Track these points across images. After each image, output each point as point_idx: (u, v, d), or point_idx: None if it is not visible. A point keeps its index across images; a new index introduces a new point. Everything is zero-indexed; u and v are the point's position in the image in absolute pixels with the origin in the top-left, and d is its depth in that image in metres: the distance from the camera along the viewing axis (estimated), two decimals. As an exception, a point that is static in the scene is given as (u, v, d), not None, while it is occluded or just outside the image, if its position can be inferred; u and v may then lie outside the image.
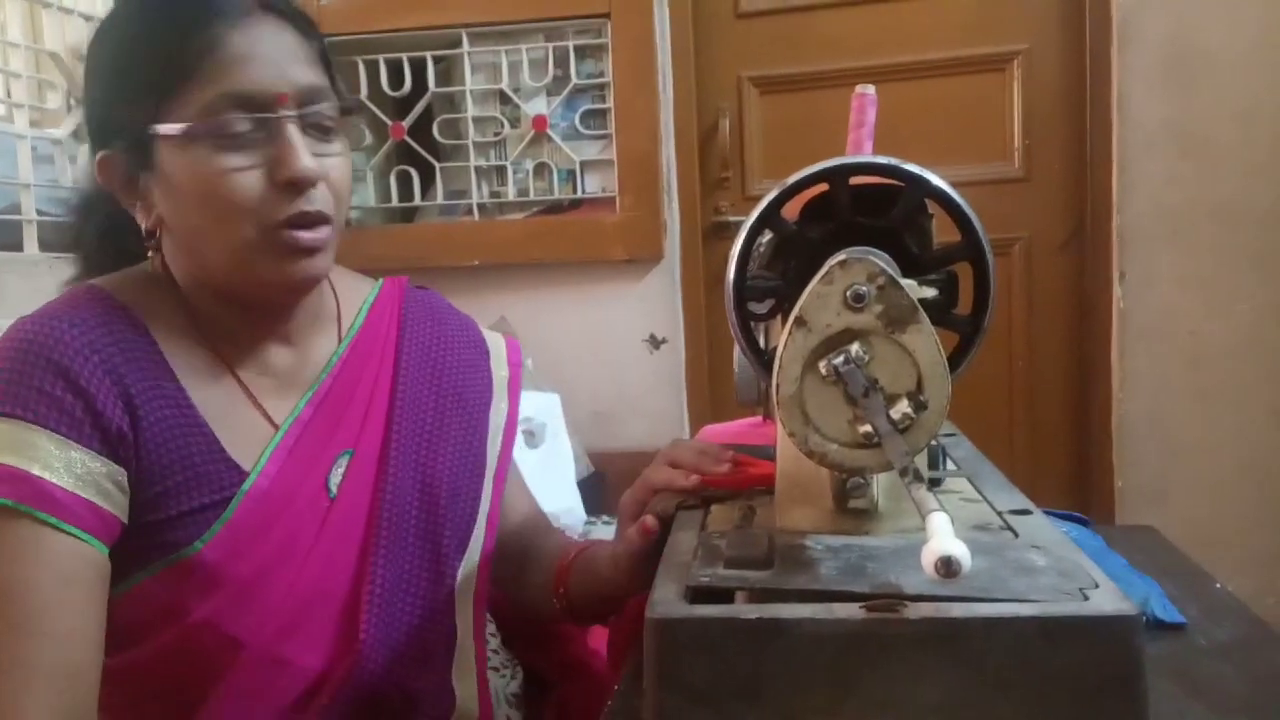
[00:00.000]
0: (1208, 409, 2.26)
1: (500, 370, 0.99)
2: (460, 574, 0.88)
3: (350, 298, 0.92)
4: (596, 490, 2.28)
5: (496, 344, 1.01)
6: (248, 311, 0.82)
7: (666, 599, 0.53)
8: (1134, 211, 2.25)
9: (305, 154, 0.75)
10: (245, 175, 0.74)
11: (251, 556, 0.76)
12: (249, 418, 0.80)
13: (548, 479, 2.01)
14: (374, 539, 0.81)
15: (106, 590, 0.72)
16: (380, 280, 0.97)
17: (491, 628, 1.01)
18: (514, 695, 1.00)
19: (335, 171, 0.78)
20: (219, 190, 0.74)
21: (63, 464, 0.70)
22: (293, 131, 0.75)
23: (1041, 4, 2.34)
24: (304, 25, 0.79)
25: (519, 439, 2.04)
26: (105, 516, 0.72)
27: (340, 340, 0.88)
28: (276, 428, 0.81)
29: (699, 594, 0.54)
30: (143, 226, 0.79)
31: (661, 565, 0.60)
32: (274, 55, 0.75)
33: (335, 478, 0.82)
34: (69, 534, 0.69)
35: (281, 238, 0.75)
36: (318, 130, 0.78)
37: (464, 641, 0.88)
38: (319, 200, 0.77)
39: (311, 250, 0.77)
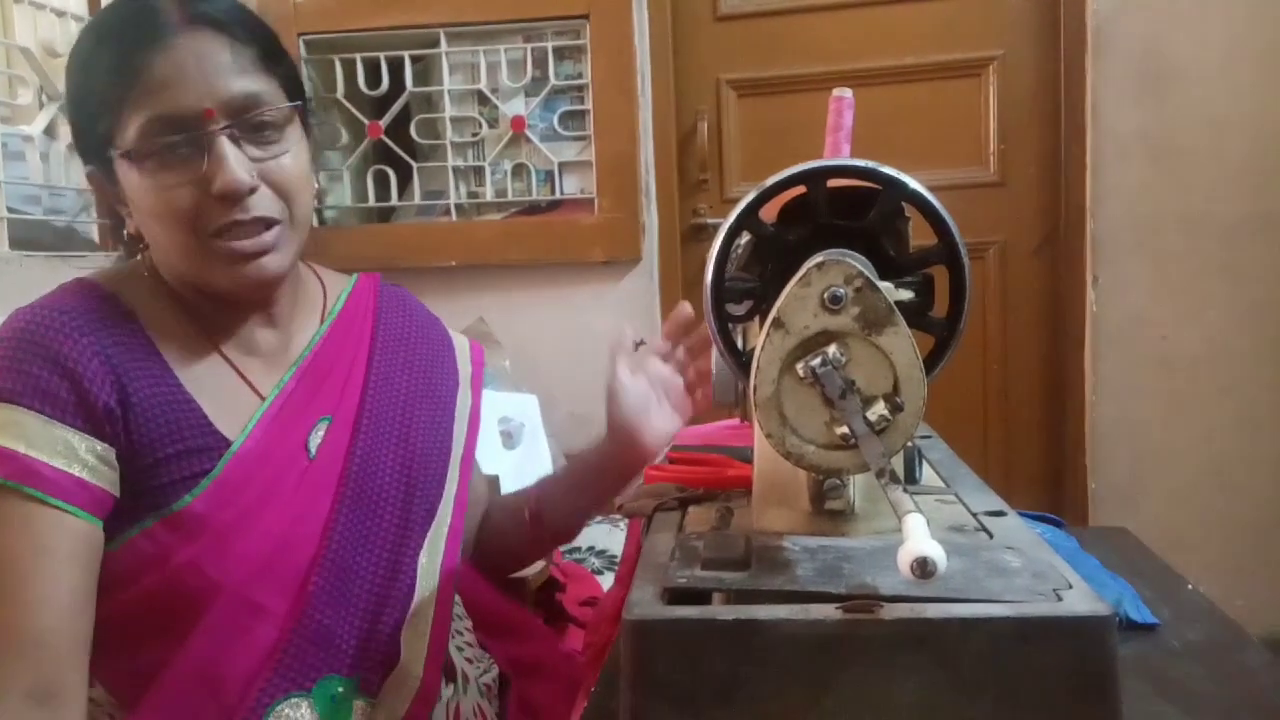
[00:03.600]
0: (1179, 413, 2.29)
1: (465, 367, 1.05)
2: (426, 541, 0.93)
3: (333, 284, 1.00)
4: (573, 492, 2.27)
5: (461, 342, 1.08)
6: (221, 307, 0.87)
7: (644, 600, 0.53)
8: (1107, 217, 2.27)
9: (234, 165, 0.79)
10: (180, 190, 0.79)
11: (233, 506, 0.81)
12: (237, 391, 0.86)
13: (525, 480, 1.99)
14: (341, 497, 0.87)
15: (95, 558, 0.78)
16: (355, 275, 1.05)
17: (469, 622, 1.02)
18: (486, 685, 1.00)
19: (279, 173, 0.82)
20: (159, 205, 0.80)
21: (49, 442, 0.76)
22: (222, 144, 0.79)
23: (1017, 11, 2.36)
24: (239, 32, 0.82)
25: (497, 440, 2.04)
26: (93, 490, 0.77)
27: (323, 321, 0.95)
28: (263, 399, 0.87)
29: (676, 595, 0.54)
30: (130, 232, 0.86)
31: (639, 567, 0.60)
32: (198, 72, 0.78)
33: (315, 440, 0.88)
34: (56, 508, 0.75)
35: (219, 247, 0.81)
36: (257, 134, 0.81)
37: (422, 606, 0.91)
38: (258, 206, 0.81)
39: (256, 254, 0.82)
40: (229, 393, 0.86)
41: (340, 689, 0.85)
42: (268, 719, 0.81)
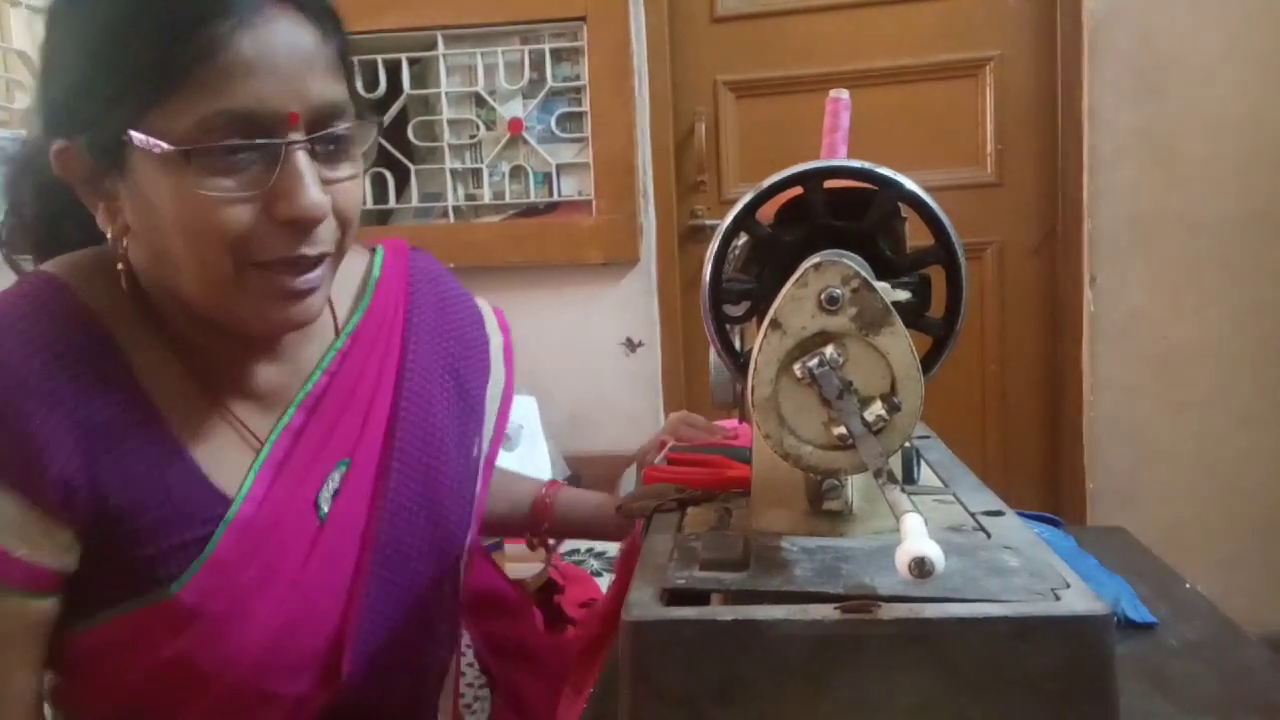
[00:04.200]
0: (1177, 412, 2.29)
1: (496, 336, 0.92)
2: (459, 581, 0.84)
3: (342, 282, 0.77)
4: (572, 494, 2.27)
5: (487, 310, 0.95)
6: (219, 335, 0.71)
7: (642, 601, 0.53)
8: (1104, 217, 2.27)
9: (314, 188, 0.64)
10: (237, 208, 0.62)
11: (230, 591, 0.68)
12: (231, 438, 0.72)
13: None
14: (368, 561, 0.73)
15: (43, 637, 0.67)
16: (380, 249, 0.86)
17: (467, 638, 0.98)
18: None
19: (345, 198, 0.67)
20: (203, 221, 0.62)
21: None
22: (301, 159, 0.63)
23: (1014, 12, 2.37)
24: (327, 23, 0.66)
25: (494, 442, 2.04)
26: (39, 571, 0.65)
27: (338, 333, 0.78)
28: (262, 444, 0.72)
29: (675, 596, 0.54)
30: (104, 229, 0.68)
31: (638, 567, 0.60)
32: (288, 64, 0.62)
33: (326, 494, 0.73)
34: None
35: (270, 281, 0.65)
36: (329, 151, 0.66)
37: (451, 662, 0.85)
38: (323, 239, 0.66)
39: (304, 293, 0.67)
40: (224, 439, 0.71)
41: None
42: None
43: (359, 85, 0.76)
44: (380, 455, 0.75)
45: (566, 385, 2.46)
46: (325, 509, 0.72)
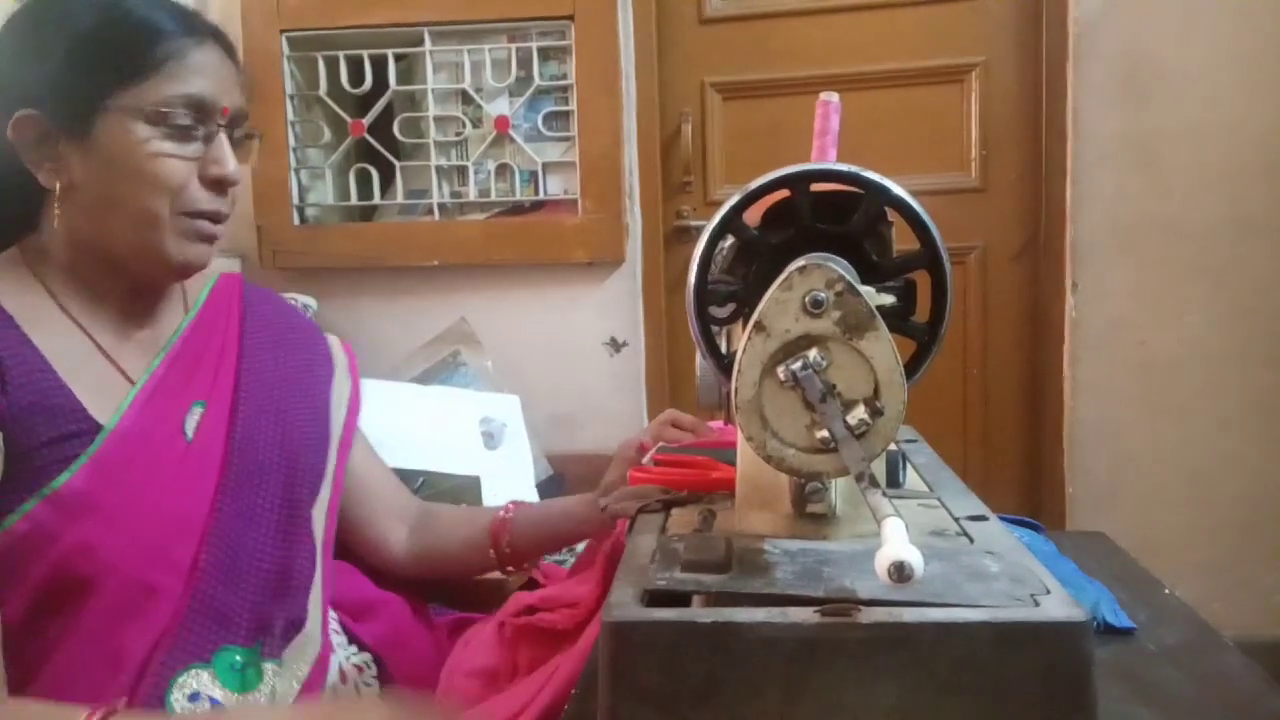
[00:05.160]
0: (1157, 417, 2.31)
1: (340, 356, 1.13)
2: (315, 519, 1.01)
3: (192, 281, 1.02)
4: (555, 492, 2.26)
5: (331, 338, 1.15)
6: (122, 283, 0.92)
7: (623, 602, 0.53)
8: (1087, 223, 2.29)
9: (234, 161, 0.91)
10: (180, 163, 0.87)
11: (116, 486, 0.85)
12: (108, 376, 0.90)
13: (506, 481, 2.00)
14: (225, 478, 0.92)
15: None
16: (217, 273, 1.09)
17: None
18: (356, 666, 1.05)
19: (239, 181, 0.92)
20: (154, 169, 0.86)
21: None
22: (225, 141, 0.90)
23: (999, 17, 2.38)
24: (237, 60, 0.95)
25: (478, 440, 2.04)
26: None
27: (186, 312, 1.00)
28: (133, 383, 0.91)
29: (655, 598, 0.54)
30: (49, 186, 0.87)
31: (620, 569, 0.59)
32: (221, 75, 0.90)
33: (190, 424, 0.93)
34: None
35: (192, 225, 0.89)
36: (237, 142, 0.93)
37: (318, 578, 0.99)
38: (228, 204, 0.92)
39: (210, 239, 0.91)
40: (101, 378, 0.90)
41: (239, 658, 0.90)
42: (170, 690, 0.85)
43: (344, 80, 0.85)
44: (231, 399, 0.96)
45: (550, 385, 2.45)
46: (190, 434, 0.92)
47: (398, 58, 2.46)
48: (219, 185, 0.90)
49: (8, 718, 0.76)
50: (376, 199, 2.52)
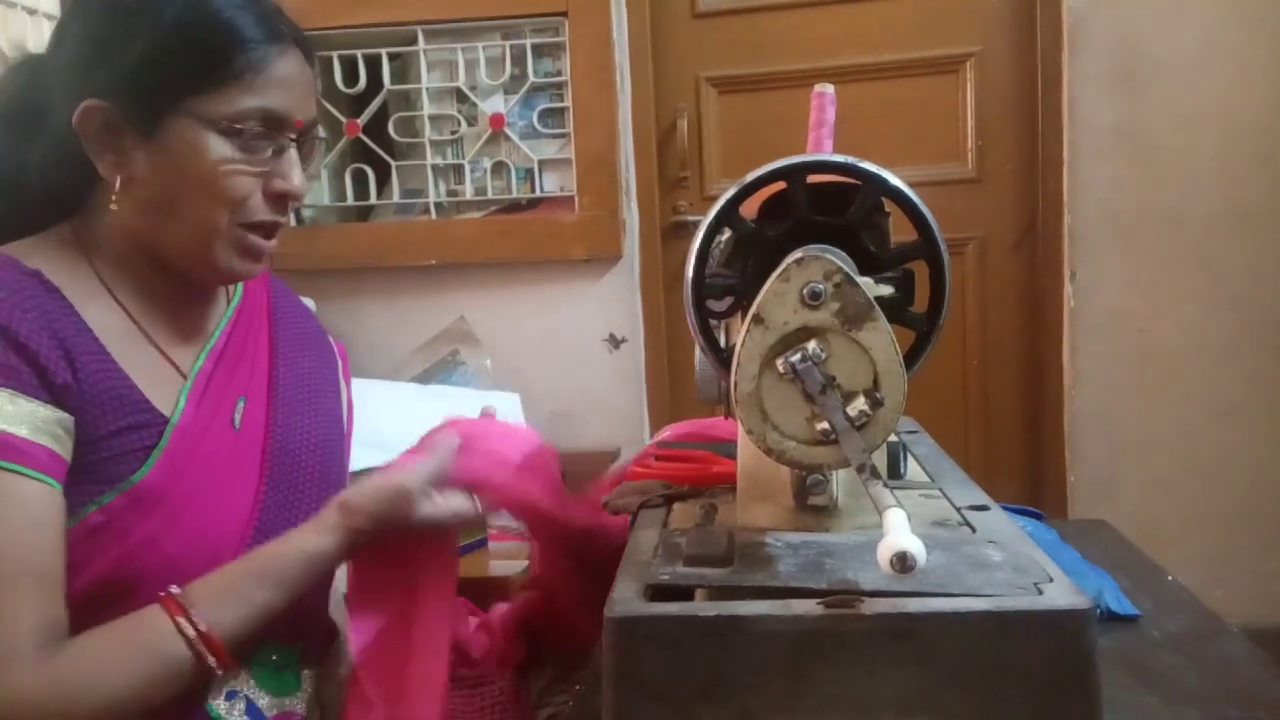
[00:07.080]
0: (1156, 406, 2.31)
1: (338, 356, 1.11)
2: None
3: None
4: (555, 490, 2.27)
5: (330, 339, 1.14)
6: (170, 278, 0.90)
7: (626, 597, 0.53)
8: (1084, 213, 2.29)
9: (301, 175, 0.88)
10: (246, 178, 0.84)
11: (184, 479, 0.84)
12: (161, 367, 0.89)
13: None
14: (267, 465, 0.92)
15: (64, 524, 0.79)
16: None
17: None
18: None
19: (303, 193, 0.90)
20: (219, 181, 0.83)
21: (18, 416, 0.77)
22: (294, 154, 0.87)
23: (994, 8, 2.37)
24: (313, 62, 0.91)
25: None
26: (59, 459, 0.79)
27: (228, 306, 0.99)
28: (185, 376, 0.90)
29: (659, 592, 0.54)
30: (108, 177, 0.85)
31: (623, 564, 0.59)
32: (300, 86, 0.87)
33: (238, 416, 0.92)
34: (34, 479, 0.76)
35: (246, 238, 0.87)
36: (303, 157, 0.90)
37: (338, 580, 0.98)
38: (287, 214, 0.89)
39: (264, 254, 0.89)
40: (154, 369, 0.88)
41: (275, 656, 0.89)
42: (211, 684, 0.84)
43: (339, 80, 0.87)
44: (268, 394, 0.96)
45: (549, 382, 2.45)
46: (239, 424, 0.91)
47: (392, 57, 2.45)
48: (282, 199, 0.87)
49: (94, 644, 0.77)
50: (373, 199, 2.52)
